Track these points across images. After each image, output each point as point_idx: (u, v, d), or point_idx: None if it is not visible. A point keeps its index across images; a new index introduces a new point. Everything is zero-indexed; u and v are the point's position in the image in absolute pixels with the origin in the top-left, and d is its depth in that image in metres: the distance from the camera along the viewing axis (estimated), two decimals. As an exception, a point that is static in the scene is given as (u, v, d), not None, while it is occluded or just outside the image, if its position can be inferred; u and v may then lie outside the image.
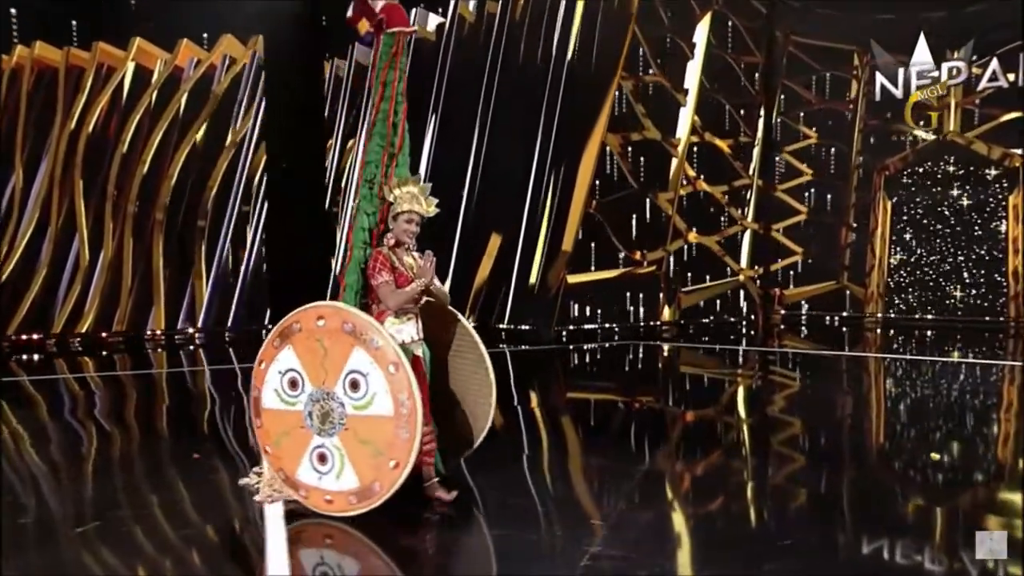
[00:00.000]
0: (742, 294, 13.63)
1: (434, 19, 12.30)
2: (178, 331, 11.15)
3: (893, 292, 13.20)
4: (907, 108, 12.91)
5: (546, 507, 3.63)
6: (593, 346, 10.90)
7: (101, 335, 10.71)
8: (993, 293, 12.46)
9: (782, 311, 13.84)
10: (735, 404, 6.90)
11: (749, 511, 3.65)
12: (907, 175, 13.09)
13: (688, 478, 4.23)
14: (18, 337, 10.18)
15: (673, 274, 12.70)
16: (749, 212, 13.66)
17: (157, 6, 11.00)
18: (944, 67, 12.57)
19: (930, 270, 12.90)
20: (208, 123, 11.43)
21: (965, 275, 12.64)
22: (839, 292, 13.63)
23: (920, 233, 12.98)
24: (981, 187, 12.48)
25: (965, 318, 12.50)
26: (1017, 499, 3.75)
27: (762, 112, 13.74)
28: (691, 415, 6.33)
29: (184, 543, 3.20)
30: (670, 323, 12.58)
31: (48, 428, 5.67)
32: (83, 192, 10.77)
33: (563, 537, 3.21)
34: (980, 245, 12.52)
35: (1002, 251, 12.34)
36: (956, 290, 12.71)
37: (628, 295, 12.30)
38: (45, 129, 10.56)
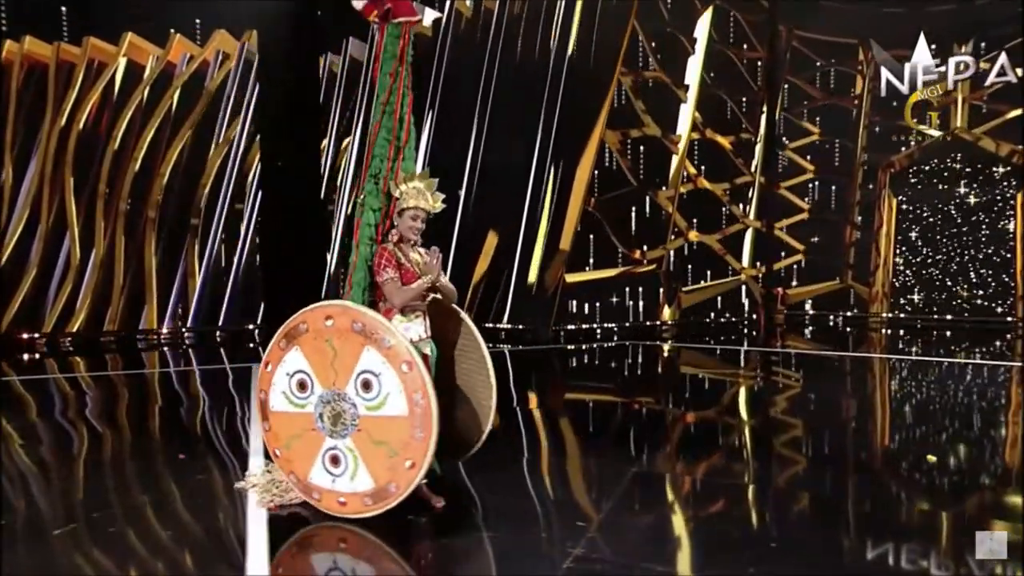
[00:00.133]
0: (744, 292, 13.42)
1: (431, 14, 12.13)
2: (170, 330, 11.02)
3: (899, 292, 12.96)
4: (907, 108, 12.69)
5: (534, 508, 3.59)
6: (591, 346, 10.74)
7: (93, 334, 10.58)
8: (1001, 293, 12.20)
9: (784, 311, 13.61)
10: (730, 406, 6.75)
11: (739, 514, 3.57)
12: (913, 172, 12.85)
13: (679, 480, 4.17)
14: (7, 336, 10.05)
15: (673, 273, 12.50)
16: (751, 210, 13.44)
17: (149, 1, 10.86)
18: (951, 62, 12.33)
19: (936, 269, 12.66)
20: (201, 120, 11.29)
21: (972, 274, 12.39)
22: (843, 291, 13.40)
23: (926, 232, 12.73)
24: (989, 185, 12.24)
25: (972, 318, 12.27)
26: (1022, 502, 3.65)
27: (765, 108, 13.52)
28: (686, 416, 6.19)
29: (164, 545, 3.13)
30: (670, 323, 12.40)
31: (34, 428, 5.57)
32: (74, 190, 10.64)
33: (547, 539, 3.17)
34: (988, 244, 12.28)
35: (1010, 250, 12.10)
36: (963, 290, 12.46)
37: (627, 294, 12.13)
38: (35, 125, 10.42)
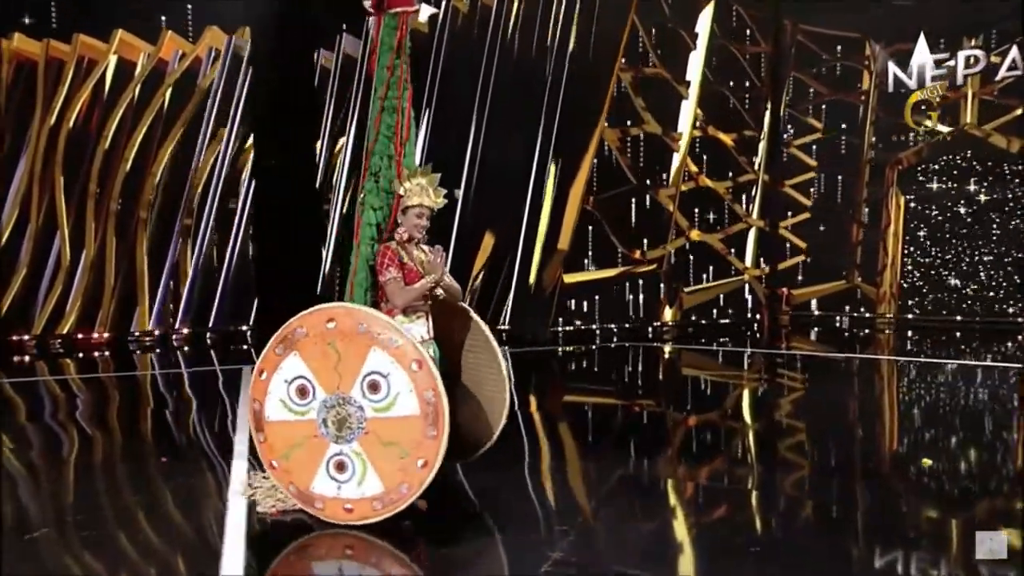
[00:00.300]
0: (747, 291, 13.13)
1: (427, 9, 11.90)
2: (161, 331, 10.87)
3: (907, 292, 12.66)
4: (907, 108, 12.40)
5: (520, 511, 3.56)
6: (590, 347, 10.54)
7: (83, 336, 10.44)
8: (1011, 293, 11.88)
9: (789, 311, 13.33)
10: (731, 409, 6.55)
11: (731, 520, 3.53)
12: (921, 169, 12.55)
13: (667, 485, 4.14)
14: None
15: (674, 273, 12.26)
16: (754, 208, 13.17)
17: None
18: (960, 56, 12.03)
19: (945, 269, 12.34)
20: (193, 118, 11.13)
21: (982, 274, 12.07)
22: (850, 292, 13.11)
23: (935, 231, 12.43)
24: (999, 182, 11.92)
25: (983, 319, 11.96)
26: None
27: (769, 104, 13.25)
28: (682, 420, 6.01)
29: (140, 551, 3.10)
30: (671, 324, 12.16)
31: (22, 432, 5.49)
32: (64, 189, 10.50)
33: (530, 542, 3.10)
34: (999, 243, 11.96)
35: (1022, 249, 11.78)
36: (972, 290, 12.15)
37: (628, 295, 11.90)
38: (24, 124, 10.28)
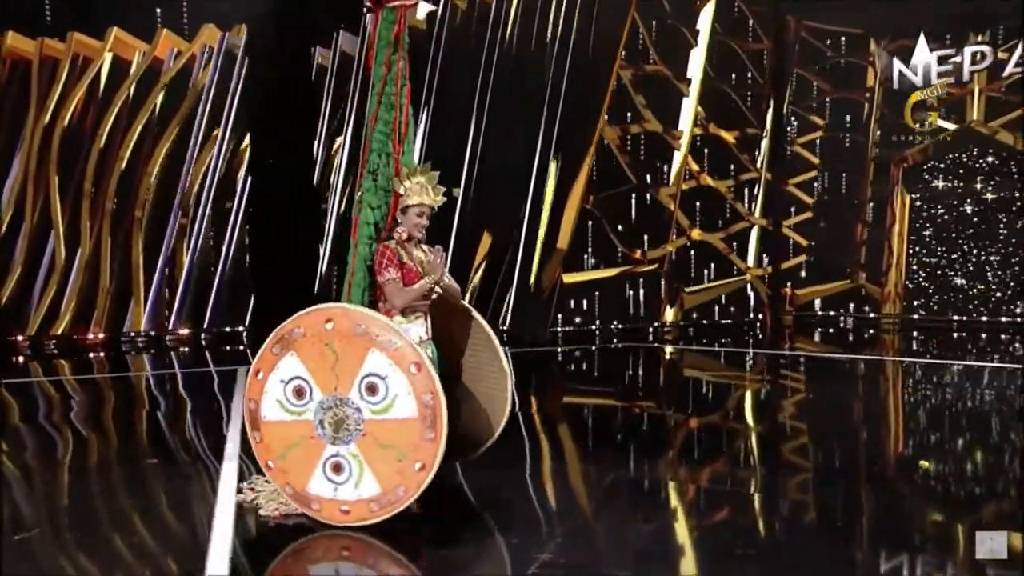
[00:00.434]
0: (749, 290, 12.95)
1: (425, 6, 11.80)
2: (157, 332, 10.79)
3: (912, 292, 12.47)
4: (907, 108, 12.22)
5: (519, 511, 3.58)
6: (590, 347, 10.44)
7: (77, 336, 10.36)
8: (1018, 293, 11.67)
9: (792, 311, 13.16)
10: (733, 410, 6.44)
11: (730, 523, 3.54)
12: (927, 168, 12.37)
13: (658, 487, 4.14)
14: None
15: (675, 273, 12.11)
16: (757, 207, 13.00)
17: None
18: (966, 51, 11.85)
19: (951, 269, 12.16)
20: (189, 116, 11.04)
21: (988, 274, 11.88)
22: (854, 291, 12.94)
23: (940, 230, 12.24)
24: (1006, 181, 11.73)
25: (989, 319, 11.77)
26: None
27: (771, 102, 13.08)
28: (679, 421, 5.89)
29: (127, 551, 3.11)
30: (672, 324, 12.02)
31: (16, 432, 5.48)
32: (58, 188, 10.43)
33: (530, 543, 3.11)
34: (1006, 243, 11.77)
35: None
36: (979, 290, 11.95)
37: (628, 294, 11.77)
38: (19, 123, 10.22)
